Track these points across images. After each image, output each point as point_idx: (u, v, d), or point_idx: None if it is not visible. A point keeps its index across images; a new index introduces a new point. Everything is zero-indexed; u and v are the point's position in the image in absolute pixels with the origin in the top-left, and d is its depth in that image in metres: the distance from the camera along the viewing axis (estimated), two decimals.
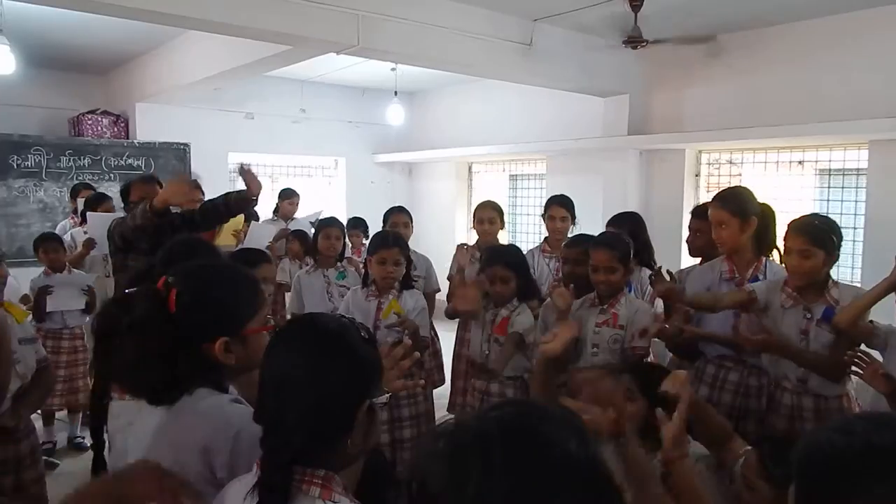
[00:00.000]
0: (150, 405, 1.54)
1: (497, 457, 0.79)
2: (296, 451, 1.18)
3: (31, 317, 4.28)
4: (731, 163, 6.55)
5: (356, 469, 1.31)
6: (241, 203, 3.80)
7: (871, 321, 2.70)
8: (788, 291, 2.84)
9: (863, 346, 2.65)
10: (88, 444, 4.55)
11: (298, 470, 1.19)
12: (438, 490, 0.81)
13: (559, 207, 4.27)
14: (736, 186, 3.52)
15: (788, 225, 2.79)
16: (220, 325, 1.50)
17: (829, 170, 5.90)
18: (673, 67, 6.47)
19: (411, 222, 4.84)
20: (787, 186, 6.13)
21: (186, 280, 1.53)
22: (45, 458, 3.00)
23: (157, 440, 1.51)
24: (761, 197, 3.18)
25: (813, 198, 5.99)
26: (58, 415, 4.86)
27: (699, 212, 3.56)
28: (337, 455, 1.22)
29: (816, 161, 5.96)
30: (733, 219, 3.01)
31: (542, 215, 4.39)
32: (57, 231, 5.92)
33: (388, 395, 1.31)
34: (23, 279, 4.81)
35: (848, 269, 5.50)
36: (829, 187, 5.91)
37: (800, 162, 6.08)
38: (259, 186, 3.82)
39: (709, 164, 6.71)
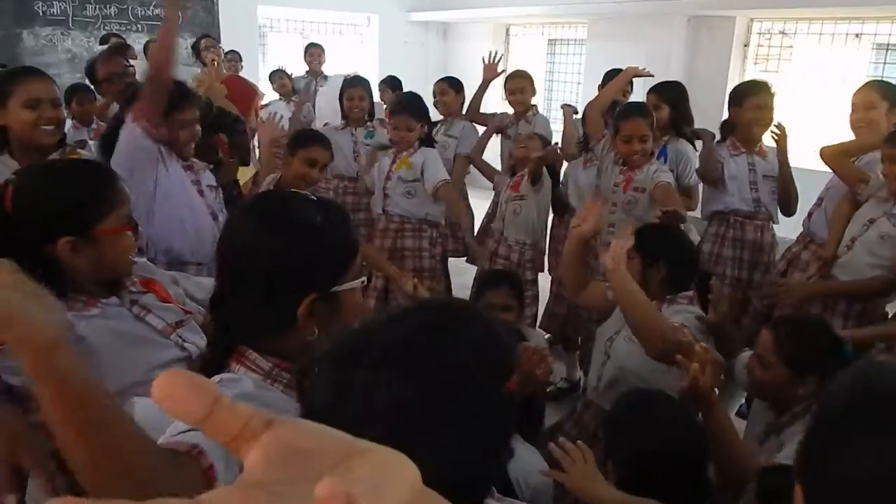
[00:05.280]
0: None
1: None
2: (234, 332, 1.12)
3: None
4: (783, 33, 6.18)
5: None
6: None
7: None
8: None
9: None
10: None
11: (238, 348, 1.12)
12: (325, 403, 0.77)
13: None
14: None
15: None
16: (61, 224, 1.38)
17: (888, 44, 5.57)
18: None
19: (461, 91, 4.62)
20: (841, 61, 5.81)
21: (24, 177, 1.44)
22: None
23: None
24: (813, 73, 3.03)
25: (867, 74, 5.66)
26: None
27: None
28: (284, 343, 1.10)
29: (875, 34, 5.61)
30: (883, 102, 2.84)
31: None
32: None
33: (362, 280, 1.17)
34: None
35: None
36: (884, 63, 5.59)
37: (857, 35, 5.72)
38: None
39: (759, 33, 6.34)
